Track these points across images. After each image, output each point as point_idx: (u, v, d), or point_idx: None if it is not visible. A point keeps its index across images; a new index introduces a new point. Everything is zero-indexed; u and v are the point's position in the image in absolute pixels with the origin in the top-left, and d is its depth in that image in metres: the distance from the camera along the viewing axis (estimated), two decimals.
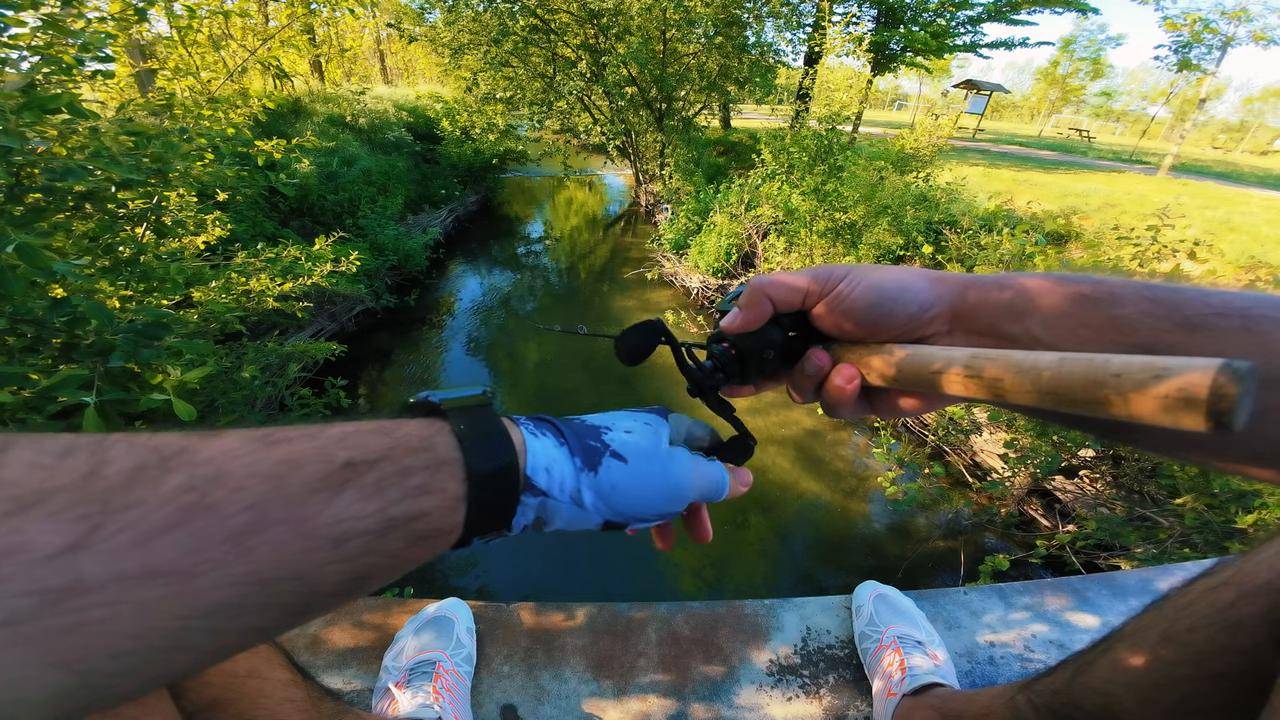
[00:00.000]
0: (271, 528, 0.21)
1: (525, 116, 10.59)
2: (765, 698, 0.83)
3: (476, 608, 0.91)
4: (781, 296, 0.36)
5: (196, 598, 0.19)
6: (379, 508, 0.23)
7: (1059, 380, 0.24)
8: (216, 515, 0.20)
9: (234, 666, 0.44)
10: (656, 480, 0.33)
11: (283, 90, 8.48)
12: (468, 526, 0.27)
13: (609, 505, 0.32)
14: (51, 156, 1.26)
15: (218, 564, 0.19)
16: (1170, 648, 0.51)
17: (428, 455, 0.26)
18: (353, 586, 0.24)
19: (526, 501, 0.29)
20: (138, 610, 0.18)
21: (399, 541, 0.24)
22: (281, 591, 0.21)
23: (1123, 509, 2.64)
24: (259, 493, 0.21)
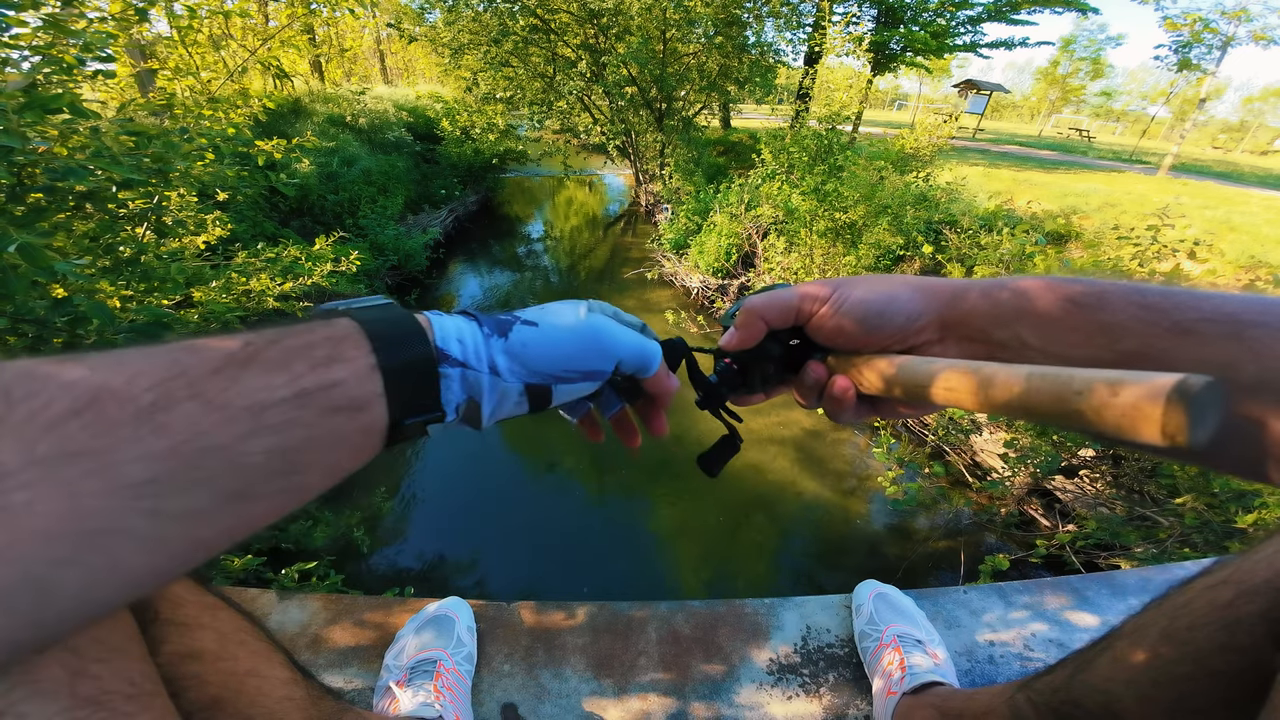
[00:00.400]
0: (179, 404, 0.21)
1: (525, 116, 10.59)
2: (765, 696, 0.83)
3: (477, 607, 0.92)
4: (774, 316, 0.38)
5: (118, 473, 0.19)
6: (287, 379, 0.24)
7: (1027, 396, 0.25)
8: (122, 398, 0.20)
9: (233, 665, 0.43)
10: (571, 334, 0.33)
11: (283, 90, 8.48)
12: (391, 398, 0.27)
13: (524, 365, 0.31)
14: (52, 156, 1.26)
15: (131, 441, 0.19)
16: (1170, 645, 0.51)
17: (328, 331, 0.26)
18: (284, 463, 0.23)
19: (447, 372, 0.29)
20: (60, 489, 0.18)
21: (318, 410, 0.24)
22: (207, 466, 0.21)
23: (1123, 509, 2.64)
24: (160, 374, 0.21)
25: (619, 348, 0.35)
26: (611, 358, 0.34)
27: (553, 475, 3.76)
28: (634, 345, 0.35)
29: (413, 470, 3.63)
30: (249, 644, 0.46)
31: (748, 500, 3.45)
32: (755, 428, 4.00)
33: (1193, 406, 0.19)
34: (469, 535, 3.13)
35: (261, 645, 0.48)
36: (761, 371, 0.39)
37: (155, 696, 0.30)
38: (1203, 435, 0.20)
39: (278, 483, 0.24)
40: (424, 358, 0.28)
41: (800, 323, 0.38)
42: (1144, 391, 0.21)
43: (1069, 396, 0.23)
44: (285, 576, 1.85)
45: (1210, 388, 0.20)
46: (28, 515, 0.17)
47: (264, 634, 0.50)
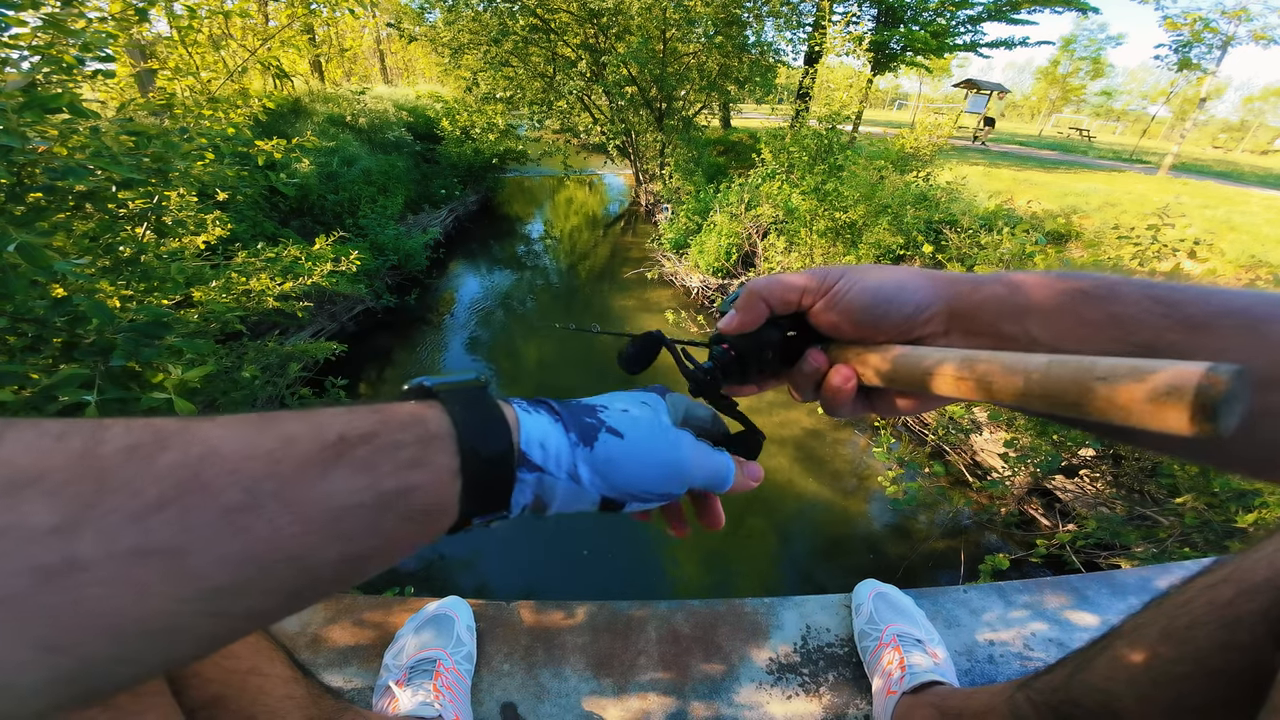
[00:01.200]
0: (265, 505, 0.20)
1: (525, 116, 10.59)
2: (765, 696, 0.83)
3: (476, 606, 0.92)
4: (778, 298, 0.37)
5: (192, 577, 0.19)
6: (370, 482, 0.23)
7: (1047, 382, 0.24)
8: (210, 492, 0.19)
9: (235, 664, 0.44)
10: (655, 457, 0.33)
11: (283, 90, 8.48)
12: (464, 504, 0.27)
13: (606, 480, 0.31)
14: (52, 156, 1.26)
15: (212, 542, 0.19)
16: (1169, 645, 0.51)
17: (419, 430, 0.26)
18: (350, 569, 0.23)
19: (523, 478, 0.29)
20: (133, 589, 0.18)
21: (393, 519, 0.24)
22: (279, 573, 0.21)
23: (1123, 508, 2.64)
24: (253, 470, 0.21)
25: (697, 474, 0.35)
26: (687, 483, 0.34)
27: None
28: (712, 471, 0.35)
29: None
30: (250, 642, 0.46)
31: (747, 499, 3.45)
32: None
33: (1224, 394, 0.19)
34: (470, 536, 3.13)
35: (263, 644, 0.48)
36: (759, 359, 0.38)
37: (159, 695, 0.30)
38: (1229, 425, 0.19)
39: (337, 582, 0.24)
40: (506, 465, 0.28)
41: (804, 307, 0.37)
42: (1173, 378, 0.20)
43: (1091, 383, 0.22)
44: None
45: (1240, 376, 0.19)
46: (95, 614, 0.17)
47: (265, 633, 0.50)
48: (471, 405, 0.28)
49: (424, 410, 0.27)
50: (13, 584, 0.16)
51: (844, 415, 0.37)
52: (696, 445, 0.35)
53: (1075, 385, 0.23)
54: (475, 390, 0.29)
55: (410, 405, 0.27)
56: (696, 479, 0.35)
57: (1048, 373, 0.25)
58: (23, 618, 0.16)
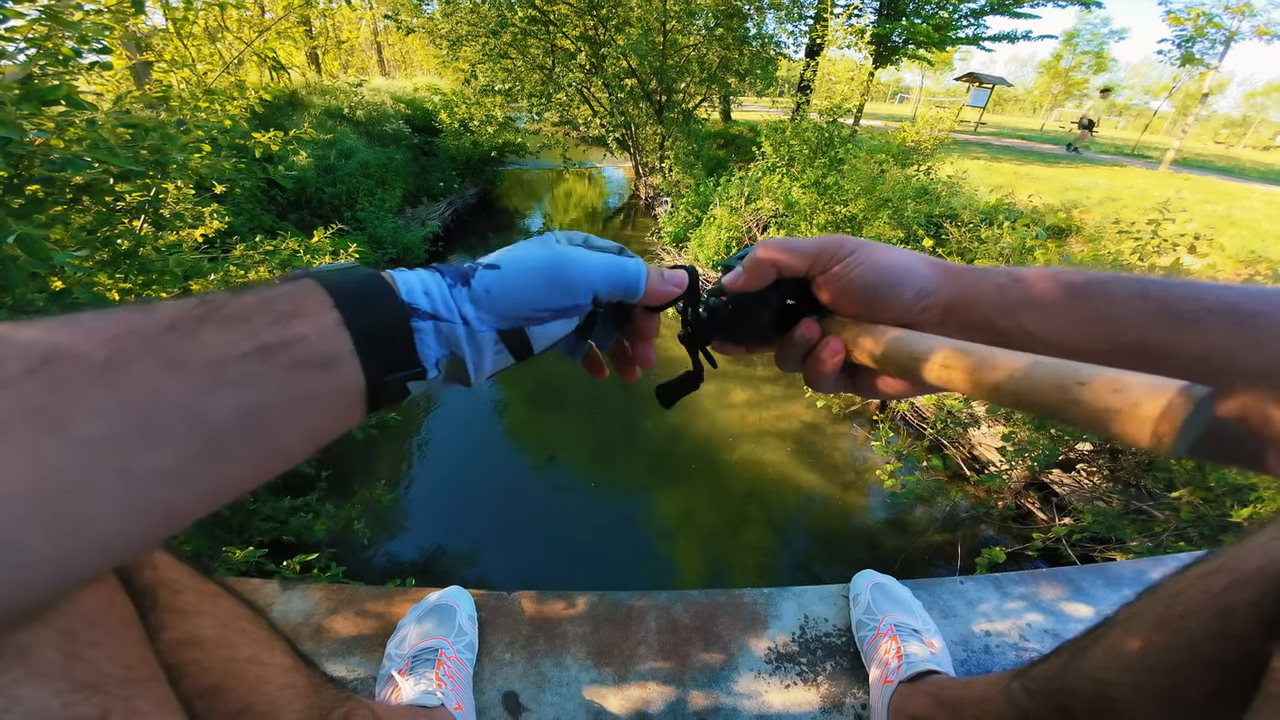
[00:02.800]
0: (134, 360, 0.20)
1: (524, 109, 10.53)
2: (763, 685, 0.84)
3: (478, 596, 0.92)
4: (787, 262, 0.37)
5: (77, 430, 0.19)
6: (247, 334, 0.23)
7: (1029, 382, 0.25)
8: (76, 354, 0.20)
9: (233, 652, 0.44)
10: (534, 272, 0.32)
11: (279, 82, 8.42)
12: (363, 355, 0.26)
13: (490, 311, 0.31)
14: (50, 148, 1.26)
15: (87, 397, 0.19)
16: (1163, 633, 0.52)
17: (288, 288, 0.26)
18: (257, 424, 0.23)
19: (419, 326, 0.28)
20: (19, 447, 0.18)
21: (283, 366, 0.23)
22: (170, 424, 0.21)
23: (1119, 502, 2.65)
24: (113, 332, 0.21)
25: (591, 276, 0.33)
26: (585, 290, 0.33)
27: (553, 466, 3.77)
28: (608, 270, 0.33)
29: (413, 461, 3.64)
30: (249, 631, 0.47)
31: (746, 492, 3.46)
32: (754, 420, 4.01)
33: (1188, 418, 0.20)
34: (469, 526, 3.15)
35: (262, 633, 0.48)
36: (754, 320, 0.38)
37: (153, 681, 0.30)
38: (1185, 445, 0.20)
39: (251, 443, 0.23)
40: (391, 310, 0.28)
41: (813, 273, 0.37)
42: (1145, 394, 0.21)
43: (1071, 386, 0.23)
44: (287, 569, 1.86)
45: (1206, 401, 0.20)
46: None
47: (265, 622, 0.50)
48: (338, 269, 0.28)
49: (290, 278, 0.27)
50: None
51: (825, 389, 0.37)
52: (589, 251, 0.34)
53: (1055, 387, 0.24)
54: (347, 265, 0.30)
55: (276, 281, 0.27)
56: (595, 281, 0.33)
57: (1031, 373, 0.25)
58: None
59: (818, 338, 0.36)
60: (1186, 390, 0.20)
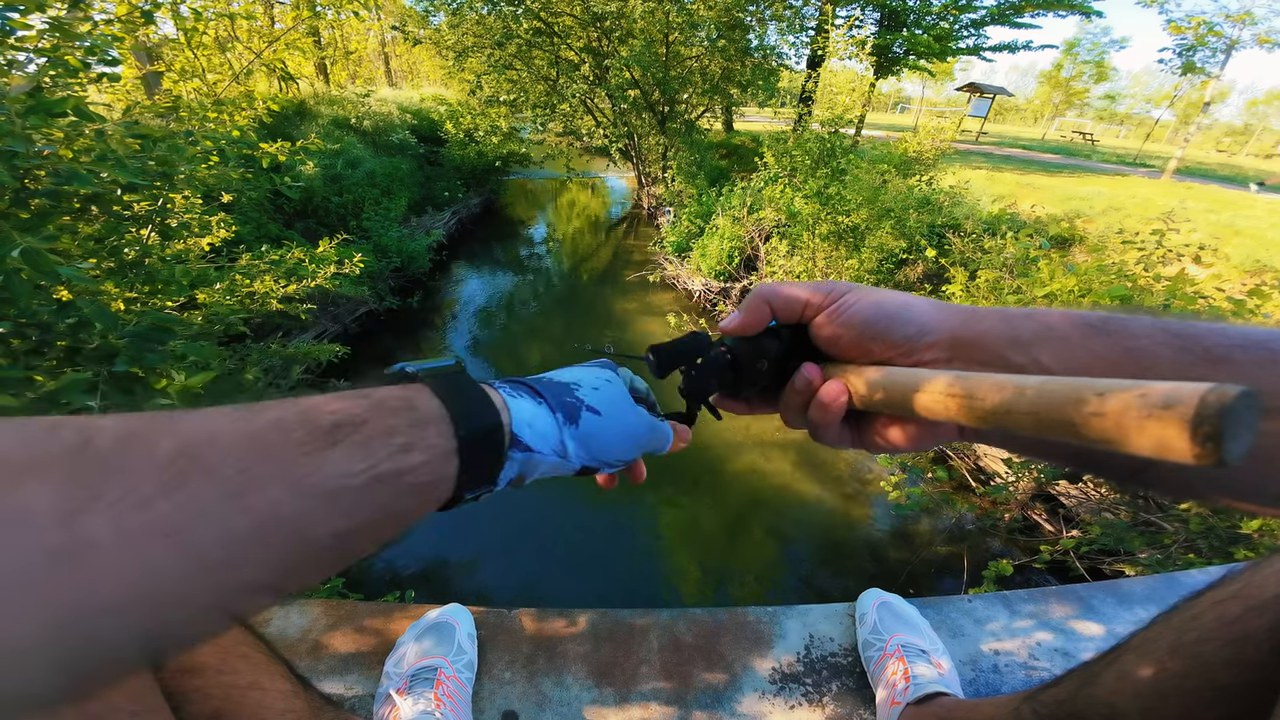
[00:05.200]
0: (266, 486, 0.21)
1: (529, 119, 10.64)
2: (768, 706, 0.83)
3: (478, 614, 0.91)
4: (782, 304, 0.37)
5: (198, 553, 0.19)
6: (367, 465, 0.24)
7: (1040, 399, 0.23)
8: (211, 475, 0.20)
9: (234, 679, 0.43)
10: (627, 430, 0.37)
11: (288, 92, 8.52)
12: (458, 483, 0.28)
13: (588, 452, 0.35)
14: (58, 159, 1.27)
15: (216, 521, 0.20)
16: (1177, 659, 0.51)
17: (410, 415, 0.27)
18: (348, 543, 0.24)
19: (513, 456, 0.31)
20: (143, 567, 0.18)
21: (389, 495, 0.25)
22: (280, 548, 0.22)
23: (1127, 514, 2.62)
24: (249, 453, 0.22)
25: (653, 444, 0.40)
26: (641, 449, 0.39)
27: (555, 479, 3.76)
28: (660, 438, 0.40)
29: None
30: (250, 656, 0.46)
31: (750, 504, 3.44)
32: (756, 430, 3.99)
33: (1229, 413, 0.17)
34: (470, 538, 3.13)
35: (262, 658, 0.48)
36: (754, 368, 0.38)
37: (157, 712, 0.30)
38: (1237, 451, 0.17)
39: (336, 558, 0.24)
40: (499, 445, 0.30)
41: (807, 318, 0.37)
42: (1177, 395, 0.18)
43: (1089, 398, 0.21)
44: None
45: (1248, 397, 0.18)
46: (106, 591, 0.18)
47: (265, 646, 0.50)
48: (457, 389, 0.30)
49: (412, 394, 0.28)
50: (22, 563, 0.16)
51: (830, 441, 0.36)
52: (649, 417, 0.40)
53: (1070, 402, 0.22)
54: (457, 374, 0.31)
55: (398, 390, 0.28)
56: (647, 446, 0.39)
57: (1042, 389, 0.23)
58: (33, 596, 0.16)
59: (818, 382, 0.35)
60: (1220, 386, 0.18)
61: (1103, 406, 0.20)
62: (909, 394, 0.29)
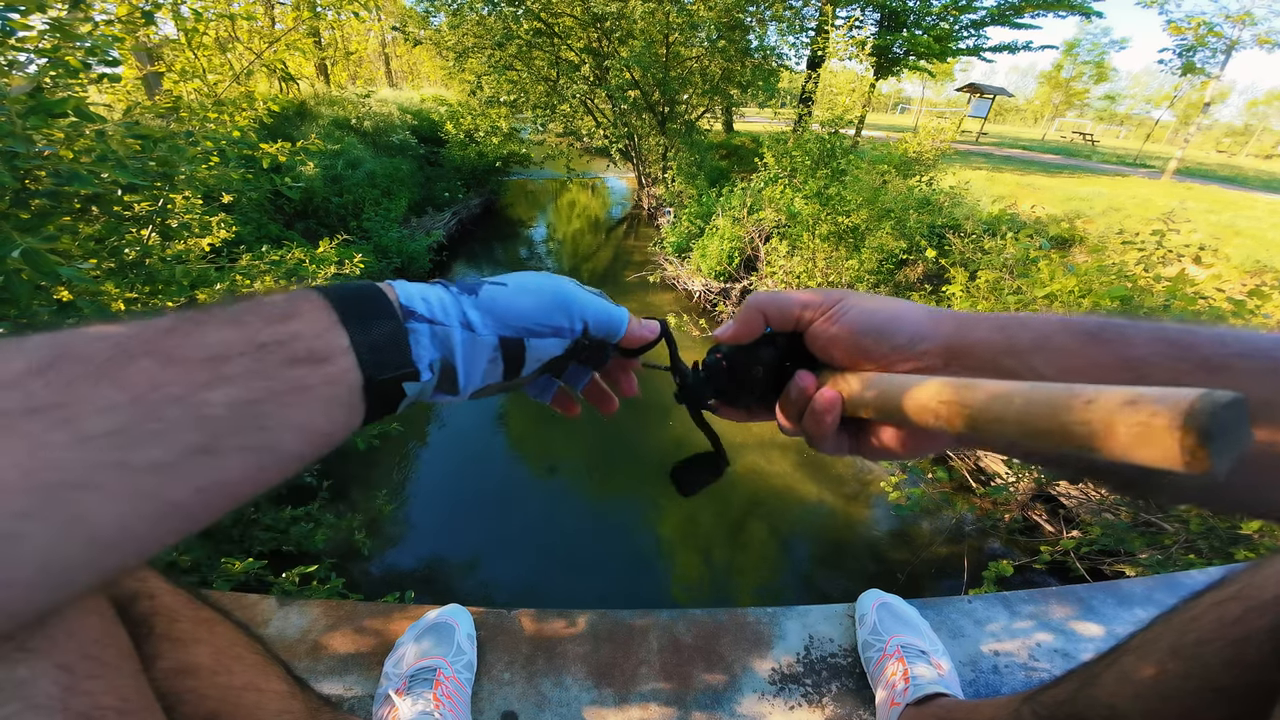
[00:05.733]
0: (137, 359, 0.21)
1: (529, 119, 10.65)
2: (767, 706, 0.83)
3: (477, 614, 0.91)
4: (776, 313, 0.37)
5: (80, 425, 0.19)
6: (244, 334, 0.24)
7: (1029, 405, 0.22)
8: (80, 357, 0.21)
9: (230, 679, 0.43)
10: (540, 286, 0.35)
11: (288, 93, 8.53)
12: (357, 351, 0.27)
13: (496, 319, 0.33)
14: (58, 160, 1.27)
15: (92, 394, 0.20)
16: (1177, 661, 0.51)
17: (286, 294, 0.27)
18: (250, 418, 0.23)
19: (414, 328, 0.29)
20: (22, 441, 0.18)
21: (277, 362, 0.24)
22: (168, 417, 0.21)
23: (1127, 514, 2.62)
24: (118, 337, 0.22)
25: (585, 307, 0.36)
26: (578, 316, 0.36)
27: (554, 478, 3.75)
28: (600, 306, 0.37)
29: (414, 473, 3.63)
30: (245, 657, 0.46)
31: (749, 504, 3.44)
32: (757, 430, 3.99)
33: (1217, 423, 0.17)
34: (470, 538, 3.13)
35: (258, 658, 0.48)
36: (750, 375, 0.38)
37: (148, 712, 0.30)
38: (1226, 461, 0.17)
39: (245, 438, 0.23)
40: (386, 311, 0.29)
41: (801, 328, 0.37)
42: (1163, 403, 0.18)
43: (1076, 405, 0.21)
44: (286, 580, 1.85)
45: (1237, 405, 0.17)
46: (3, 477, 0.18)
47: (261, 646, 0.50)
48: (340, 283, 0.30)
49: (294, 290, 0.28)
50: None
51: (827, 448, 0.36)
52: (584, 288, 0.37)
53: (1058, 408, 0.21)
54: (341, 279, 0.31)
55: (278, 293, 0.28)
56: (589, 314, 0.36)
57: (1030, 396, 0.23)
58: None
59: (813, 389, 0.35)
60: (1209, 393, 0.17)
61: (1091, 412, 0.20)
62: (901, 400, 0.29)
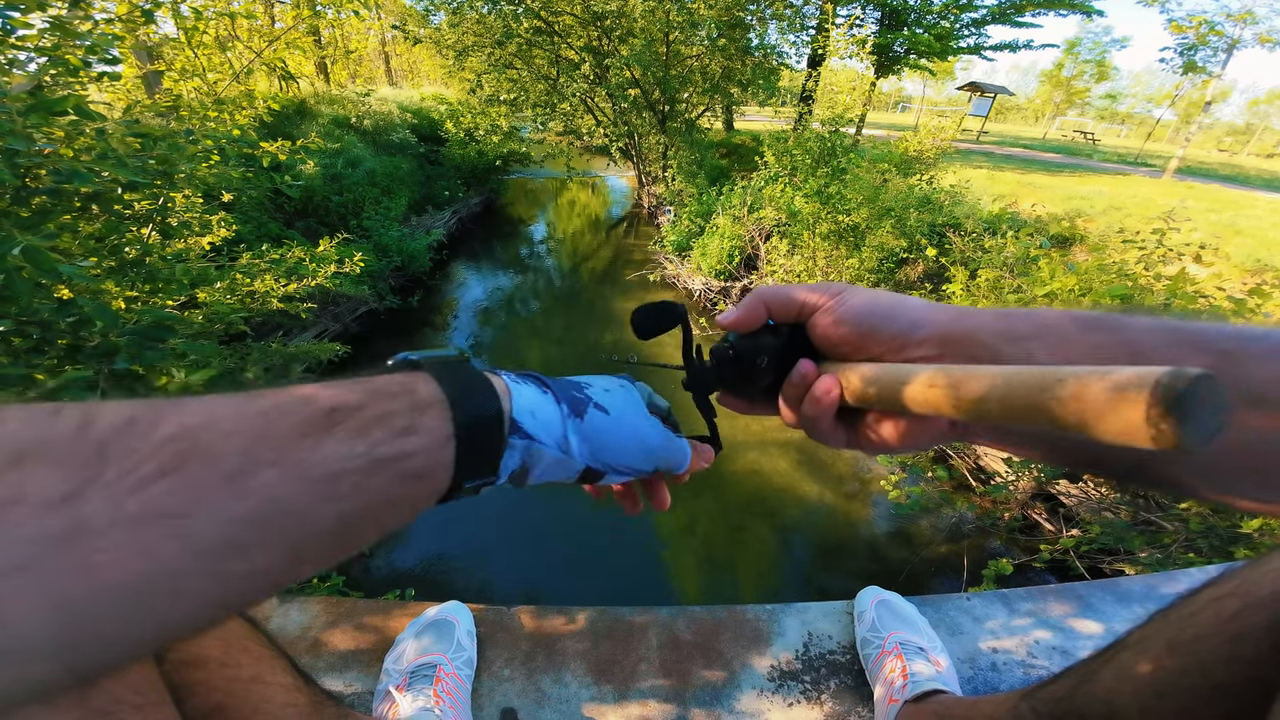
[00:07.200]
0: (263, 470, 0.21)
1: (529, 118, 10.63)
2: (766, 703, 0.83)
3: (477, 611, 0.91)
4: (778, 304, 0.38)
5: (195, 538, 0.19)
6: (366, 448, 0.24)
7: (1010, 387, 0.23)
8: (209, 459, 0.20)
9: (236, 672, 0.44)
10: (636, 433, 0.36)
11: (288, 92, 8.52)
12: (457, 468, 0.27)
13: (592, 451, 0.33)
14: (58, 158, 1.27)
15: (214, 505, 0.20)
16: (1175, 657, 0.51)
17: (409, 399, 0.27)
18: (347, 530, 0.24)
19: (514, 444, 0.30)
20: (140, 551, 0.18)
21: (387, 480, 0.24)
22: (278, 531, 0.21)
23: (1127, 513, 2.62)
24: (248, 437, 0.22)
25: (666, 456, 0.38)
26: (655, 461, 0.37)
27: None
28: (676, 453, 0.38)
29: None
30: (252, 650, 0.46)
31: (749, 502, 3.44)
32: (757, 430, 3.99)
33: (1186, 398, 0.17)
34: (470, 536, 3.14)
35: (265, 651, 0.48)
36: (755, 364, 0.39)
37: (160, 705, 0.30)
38: (1199, 437, 0.17)
39: (337, 544, 0.24)
40: (498, 431, 0.29)
41: (803, 318, 0.38)
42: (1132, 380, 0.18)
43: (1052, 384, 0.21)
44: None
45: (1207, 380, 0.17)
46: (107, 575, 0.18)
47: (267, 640, 0.50)
48: (459, 375, 0.29)
49: (412, 380, 0.28)
50: (24, 550, 0.16)
51: (825, 438, 0.36)
52: (664, 429, 0.39)
53: (1035, 389, 0.22)
54: (459, 361, 0.31)
55: (398, 376, 0.28)
56: (662, 459, 0.38)
57: (1012, 377, 0.23)
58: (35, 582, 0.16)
59: (813, 376, 0.36)
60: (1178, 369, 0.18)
61: (1065, 389, 0.21)
62: (897, 388, 0.30)
